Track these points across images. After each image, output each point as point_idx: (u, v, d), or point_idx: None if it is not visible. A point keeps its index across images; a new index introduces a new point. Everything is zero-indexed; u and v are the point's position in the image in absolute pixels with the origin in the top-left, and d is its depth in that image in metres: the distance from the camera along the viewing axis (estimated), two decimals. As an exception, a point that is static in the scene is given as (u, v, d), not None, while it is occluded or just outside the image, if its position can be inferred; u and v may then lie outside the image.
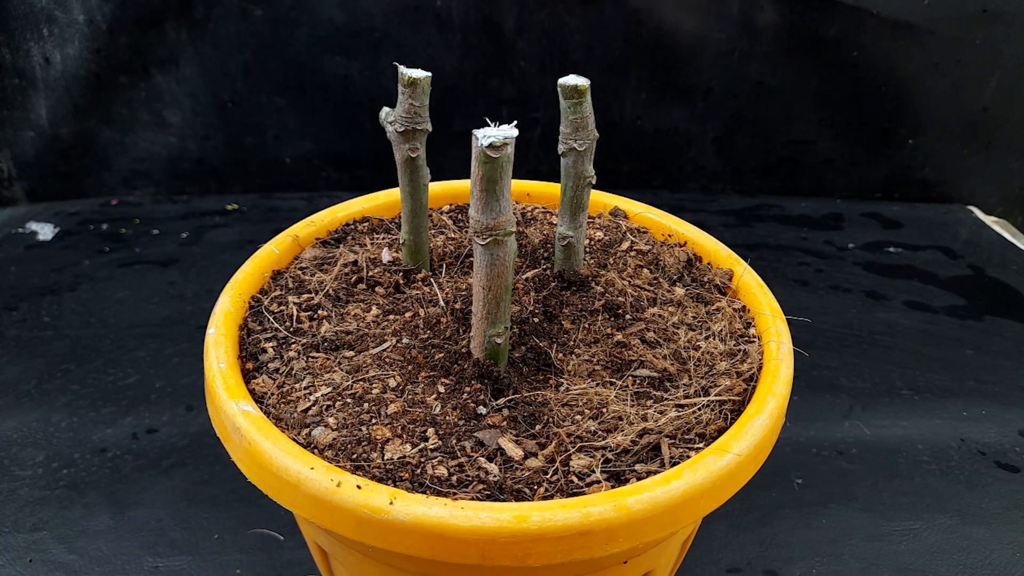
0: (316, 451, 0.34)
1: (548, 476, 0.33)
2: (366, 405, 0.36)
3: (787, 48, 0.97)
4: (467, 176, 0.35)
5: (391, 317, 0.42)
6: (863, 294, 0.84)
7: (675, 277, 0.46)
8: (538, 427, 0.35)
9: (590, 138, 0.41)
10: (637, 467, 0.34)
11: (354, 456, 0.34)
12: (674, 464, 0.33)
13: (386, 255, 0.47)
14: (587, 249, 0.48)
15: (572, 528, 0.30)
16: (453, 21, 0.94)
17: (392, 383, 0.37)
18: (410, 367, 0.38)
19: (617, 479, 0.33)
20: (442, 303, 0.42)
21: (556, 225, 0.47)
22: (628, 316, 0.42)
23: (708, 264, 0.48)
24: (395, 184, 0.45)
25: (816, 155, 1.04)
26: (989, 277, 0.88)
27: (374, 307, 0.43)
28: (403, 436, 0.35)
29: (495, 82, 0.98)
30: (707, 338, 0.41)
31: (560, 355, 0.39)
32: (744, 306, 0.44)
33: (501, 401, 0.37)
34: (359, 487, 0.31)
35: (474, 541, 0.30)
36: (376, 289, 0.44)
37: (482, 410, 0.36)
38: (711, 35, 0.96)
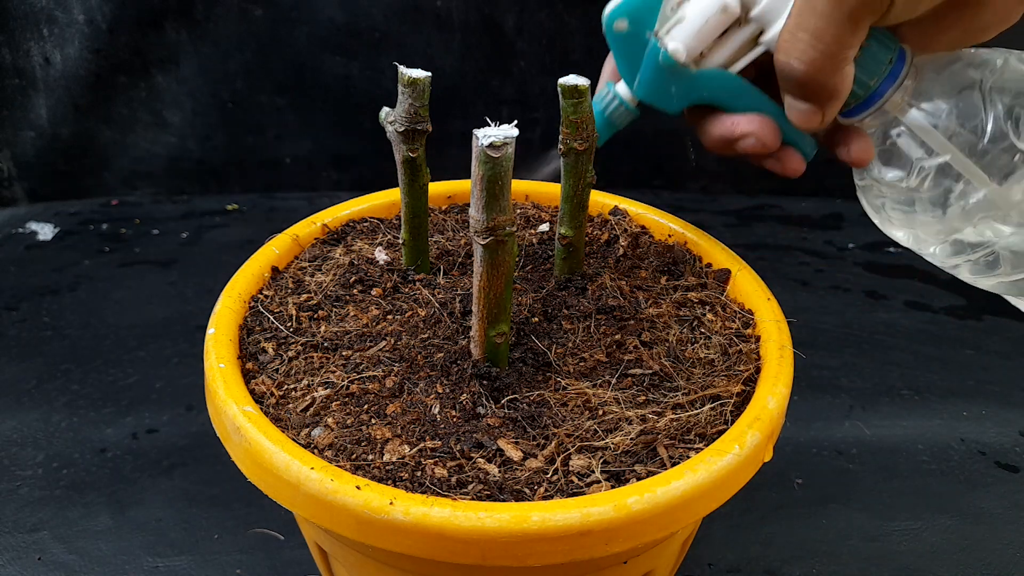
0: (316, 451, 0.34)
1: (548, 476, 0.33)
2: (366, 405, 0.36)
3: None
4: (467, 176, 0.35)
5: (390, 317, 0.42)
6: (863, 294, 0.83)
7: (675, 277, 0.46)
8: (538, 427, 0.35)
9: (590, 138, 0.41)
10: (637, 467, 0.34)
11: (354, 456, 0.34)
12: (674, 464, 0.33)
13: (384, 255, 0.47)
14: (587, 249, 0.48)
15: (572, 528, 0.30)
16: (453, 21, 0.94)
17: (391, 383, 0.37)
18: (409, 367, 0.39)
19: (617, 479, 0.33)
20: (441, 303, 0.42)
21: (556, 225, 0.47)
22: (628, 316, 0.42)
23: (708, 264, 0.48)
24: (395, 184, 0.45)
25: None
26: (989, 277, 0.88)
27: (373, 307, 0.43)
28: (403, 436, 0.35)
29: (495, 82, 0.98)
30: (707, 338, 0.41)
31: (559, 355, 0.39)
32: (744, 306, 0.44)
33: (501, 401, 0.37)
34: (359, 487, 0.31)
35: (474, 541, 0.30)
36: (375, 289, 0.44)
37: (481, 410, 0.36)
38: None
